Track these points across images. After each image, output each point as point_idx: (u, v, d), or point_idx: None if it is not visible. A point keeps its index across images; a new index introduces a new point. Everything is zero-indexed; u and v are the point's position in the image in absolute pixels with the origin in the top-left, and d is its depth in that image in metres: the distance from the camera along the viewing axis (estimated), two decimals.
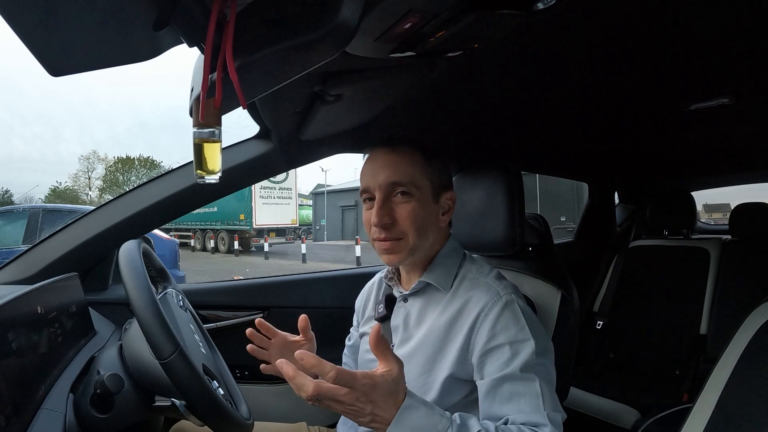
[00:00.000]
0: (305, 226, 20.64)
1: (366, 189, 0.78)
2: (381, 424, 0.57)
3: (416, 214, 0.75)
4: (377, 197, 0.76)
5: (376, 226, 0.75)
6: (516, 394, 0.66)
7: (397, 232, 0.75)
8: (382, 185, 0.75)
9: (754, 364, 0.63)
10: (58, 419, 0.60)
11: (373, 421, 0.57)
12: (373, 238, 0.78)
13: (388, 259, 0.77)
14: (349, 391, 0.54)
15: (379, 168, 0.76)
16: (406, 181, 0.75)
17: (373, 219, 0.75)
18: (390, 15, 0.52)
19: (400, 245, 0.76)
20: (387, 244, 0.76)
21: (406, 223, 0.75)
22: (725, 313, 1.80)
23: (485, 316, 0.72)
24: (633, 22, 0.64)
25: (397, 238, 0.76)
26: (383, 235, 0.75)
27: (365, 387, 0.55)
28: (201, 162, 0.51)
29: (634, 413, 1.56)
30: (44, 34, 0.45)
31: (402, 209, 0.75)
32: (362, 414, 0.56)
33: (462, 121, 1.14)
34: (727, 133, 1.37)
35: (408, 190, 0.75)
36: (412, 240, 0.76)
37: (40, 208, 4.78)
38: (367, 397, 0.55)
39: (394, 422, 0.56)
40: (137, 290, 0.67)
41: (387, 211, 0.75)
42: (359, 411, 0.56)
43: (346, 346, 1.04)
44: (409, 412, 0.57)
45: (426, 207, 0.77)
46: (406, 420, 0.57)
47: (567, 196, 12.76)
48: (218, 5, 0.43)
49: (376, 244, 0.78)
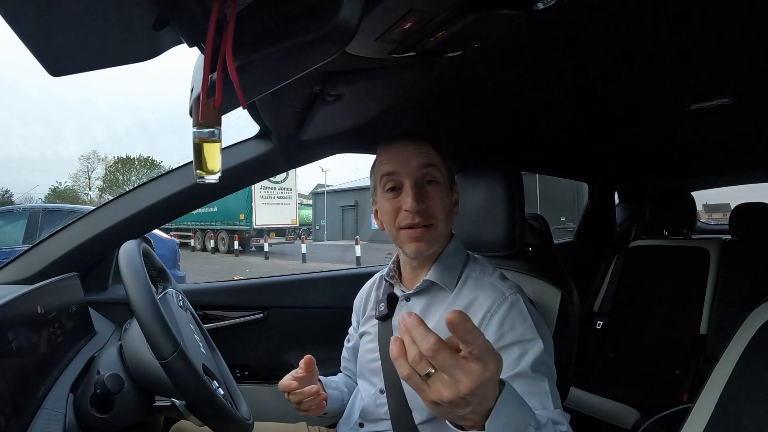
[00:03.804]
0: (305, 226, 20.64)
1: (393, 175, 0.78)
2: (477, 415, 0.44)
3: (444, 201, 0.77)
4: (408, 183, 0.76)
5: (411, 211, 0.74)
6: (527, 394, 0.65)
7: (430, 217, 0.76)
8: (414, 170, 0.76)
9: (754, 364, 0.63)
10: (58, 419, 0.60)
11: (473, 412, 0.44)
12: (403, 225, 0.77)
13: (417, 247, 0.76)
14: (481, 366, 0.41)
15: (409, 154, 0.77)
16: (437, 163, 0.77)
17: (411, 204, 0.74)
18: (390, 15, 0.52)
19: (429, 232, 0.76)
20: (419, 231, 0.76)
21: (437, 209, 0.76)
22: (725, 313, 1.79)
23: (492, 317, 0.72)
24: (633, 23, 0.64)
25: (428, 225, 0.76)
26: (417, 220, 0.75)
27: (500, 363, 0.43)
28: (201, 162, 0.51)
29: (634, 413, 1.56)
30: (44, 34, 0.45)
31: (434, 194, 0.76)
32: (469, 404, 0.43)
33: (462, 121, 1.14)
34: (727, 133, 1.37)
35: (436, 177, 0.77)
36: (441, 227, 0.77)
37: (40, 208, 4.77)
38: (491, 383, 0.43)
39: (493, 414, 0.44)
40: (137, 290, 0.67)
41: (422, 196, 0.75)
42: (469, 402, 0.42)
43: (345, 348, 1.04)
44: (507, 400, 0.46)
45: (448, 195, 0.79)
46: (504, 410, 0.45)
47: (567, 196, 12.76)
48: (218, 5, 0.43)
49: (405, 232, 0.77)
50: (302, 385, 0.79)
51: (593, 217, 2.30)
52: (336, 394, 0.92)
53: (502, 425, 0.45)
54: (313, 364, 0.80)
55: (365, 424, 0.85)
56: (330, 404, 0.87)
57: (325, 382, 0.91)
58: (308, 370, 0.79)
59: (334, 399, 0.90)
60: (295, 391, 0.78)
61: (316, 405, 0.82)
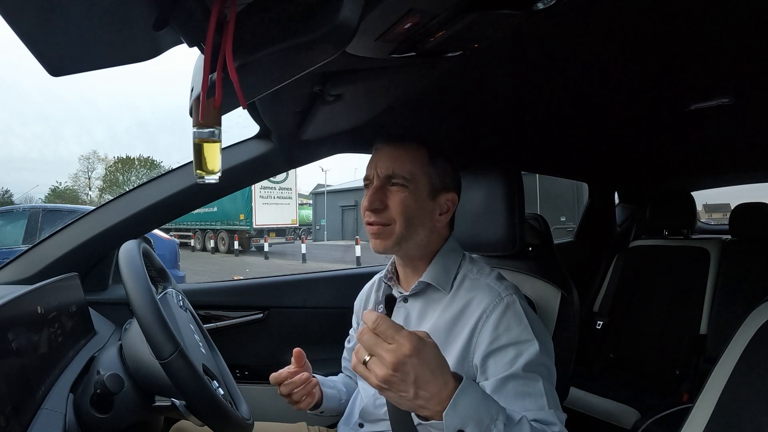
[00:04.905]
0: (305, 226, 20.63)
1: (367, 177, 0.82)
2: (430, 402, 0.52)
3: (407, 204, 0.78)
4: (374, 184, 0.79)
5: (367, 209, 0.78)
6: (521, 394, 0.66)
7: (385, 217, 0.78)
8: (380, 174, 0.79)
9: (754, 364, 0.63)
10: (58, 419, 0.60)
11: (417, 396, 0.52)
12: (365, 221, 0.81)
13: (375, 244, 0.80)
14: (395, 345, 0.50)
15: (381, 159, 0.80)
16: (401, 175, 0.78)
17: (365, 202, 0.79)
18: (390, 15, 0.52)
19: (386, 231, 0.78)
20: (375, 228, 0.78)
21: (395, 210, 0.78)
22: (725, 313, 1.79)
23: (487, 318, 0.72)
24: (633, 23, 0.64)
25: (385, 224, 0.78)
26: (372, 218, 0.78)
27: (416, 342, 0.51)
28: (201, 162, 0.51)
29: (634, 413, 1.56)
30: (44, 34, 0.45)
31: (394, 197, 0.78)
32: (406, 384, 0.51)
33: (462, 121, 1.14)
34: (727, 133, 1.37)
35: (401, 181, 0.78)
36: (399, 228, 0.78)
37: (40, 208, 4.78)
38: (418, 359, 0.51)
39: (451, 404, 0.52)
40: (137, 290, 0.67)
41: (379, 196, 0.78)
42: (404, 380, 0.51)
43: (346, 348, 1.04)
44: (466, 393, 0.53)
45: (419, 201, 0.79)
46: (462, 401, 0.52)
47: (567, 196, 12.75)
48: (218, 5, 0.43)
49: (366, 228, 0.81)
50: None
51: (593, 217, 2.30)
52: (333, 393, 0.92)
53: (460, 417, 0.51)
54: (303, 357, 0.83)
55: (365, 424, 0.85)
56: (327, 403, 0.88)
57: (323, 382, 0.91)
58: (299, 363, 0.83)
59: (331, 398, 0.90)
60: (285, 382, 0.81)
61: (308, 395, 0.84)
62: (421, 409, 0.53)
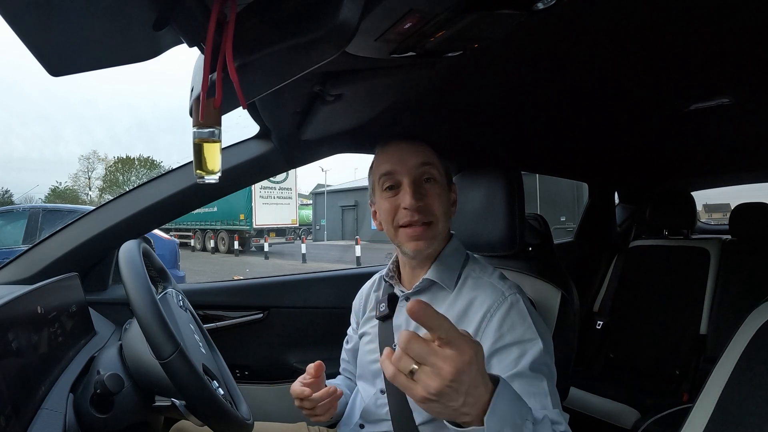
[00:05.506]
0: (305, 226, 20.64)
1: (391, 174, 0.78)
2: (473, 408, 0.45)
3: (443, 198, 0.77)
4: (406, 181, 0.76)
5: (410, 208, 0.75)
6: (525, 393, 0.65)
7: (429, 215, 0.76)
8: (412, 168, 0.77)
9: (754, 364, 0.63)
10: (58, 419, 0.60)
11: (466, 404, 0.44)
12: (401, 224, 0.77)
13: (416, 245, 0.77)
14: (455, 350, 0.42)
15: (407, 153, 0.78)
16: (435, 162, 0.77)
17: (409, 201, 0.74)
18: (390, 15, 0.52)
19: (429, 230, 0.76)
20: (418, 229, 0.76)
21: (436, 206, 0.76)
22: (725, 313, 1.79)
23: (491, 317, 0.72)
24: (633, 23, 0.64)
25: (428, 222, 0.76)
26: (416, 217, 0.75)
27: (475, 346, 0.44)
28: (201, 162, 0.51)
29: (634, 413, 1.56)
30: (44, 34, 0.45)
31: (432, 192, 0.77)
32: (458, 394, 0.43)
33: (462, 121, 1.14)
34: (727, 133, 1.37)
35: (434, 175, 0.77)
36: (440, 225, 0.77)
37: (40, 208, 4.77)
38: (477, 366, 0.44)
39: (491, 407, 0.45)
40: (137, 290, 0.67)
41: (422, 193, 0.76)
42: (458, 390, 0.43)
43: (345, 350, 1.04)
44: (503, 395, 0.47)
45: (446, 194, 0.79)
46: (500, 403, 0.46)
47: (567, 196, 12.75)
48: (218, 5, 0.43)
49: (404, 231, 0.77)
50: (312, 391, 0.78)
51: (593, 217, 2.30)
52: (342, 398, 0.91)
53: (499, 419, 0.46)
54: (322, 370, 0.79)
55: (366, 425, 0.85)
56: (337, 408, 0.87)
57: None
58: (317, 375, 0.79)
59: (340, 403, 0.89)
60: (309, 398, 0.77)
61: (332, 406, 0.81)
62: (464, 416, 0.46)
